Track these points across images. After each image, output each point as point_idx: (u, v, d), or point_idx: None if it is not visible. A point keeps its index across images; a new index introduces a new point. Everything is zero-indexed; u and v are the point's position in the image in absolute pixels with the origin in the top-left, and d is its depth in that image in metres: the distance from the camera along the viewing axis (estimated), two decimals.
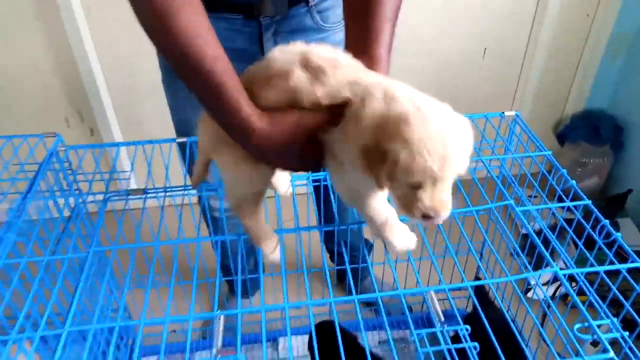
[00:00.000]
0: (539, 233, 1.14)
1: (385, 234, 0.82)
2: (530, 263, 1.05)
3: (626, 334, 0.75)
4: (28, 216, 1.02)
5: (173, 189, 1.05)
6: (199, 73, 0.71)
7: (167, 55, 0.74)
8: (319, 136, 0.74)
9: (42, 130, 1.23)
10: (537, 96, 2.20)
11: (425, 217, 0.65)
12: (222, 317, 0.76)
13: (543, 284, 1.69)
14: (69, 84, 1.89)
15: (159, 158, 1.16)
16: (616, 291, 0.91)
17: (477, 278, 1.54)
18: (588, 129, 2.15)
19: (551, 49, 2.07)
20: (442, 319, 0.76)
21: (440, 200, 0.64)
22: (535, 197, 2.05)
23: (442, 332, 0.74)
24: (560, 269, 0.87)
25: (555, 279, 1.35)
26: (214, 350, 0.72)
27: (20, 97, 1.91)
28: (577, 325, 0.74)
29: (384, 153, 0.63)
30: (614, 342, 0.75)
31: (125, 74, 1.90)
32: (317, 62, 0.71)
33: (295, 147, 0.74)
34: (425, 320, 1.62)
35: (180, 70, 0.74)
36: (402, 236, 0.83)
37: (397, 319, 1.66)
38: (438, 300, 0.86)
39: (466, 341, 0.72)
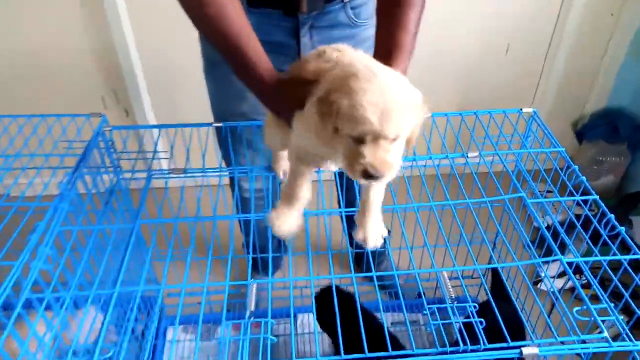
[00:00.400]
0: (552, 227, 1.20)
1: (280, 202, 0.91)
2: (542, 255, 1.11)
3: (621, 317, 0.81)
4: (76, 190, 1.12)
5: (210, 170, 1.13)
6: (228, 49, 0.92)
7: (203, 34, 0.98)
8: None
9: (79, 109, 1.32)
10: (558, 93, 2.24)
11: (366, 174, 0.68)
12: (254, 285, 0.85)
13: (552, 277, 1.76)
14: (107, 65, 1.99)
15: (188, 141, 1.24)
16: (617, 282, 0.97)
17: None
18: (607, 128, 2.18)
19: (574, 47, 2.10)
20: (453, 296, 0.84)
21: (381, 158, 0.67)
22: (550, 192, 2.10)
23: (452, 307, 0.81)
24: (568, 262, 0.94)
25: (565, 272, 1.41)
26: (248, 312, 0.81)
27: (60, 76, 2.01)
28: (577, 309, 0.81)
29: (332, 103, 0.69)
30: (618, 335, 0.82)
31: (161, 58, 1.99)
32: (326, 49, 0.86)
33: (280, 104, 0.93)
34: (437, 304, 1.69)
35: (213, 43, 0.94)
36: (284, 219, 0.90)
37: (410, 302, 1.74)
38: (452, 286, 0.94)
39: (474, 317, 0.80)
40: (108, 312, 0.83)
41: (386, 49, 0.93)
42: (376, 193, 0.90)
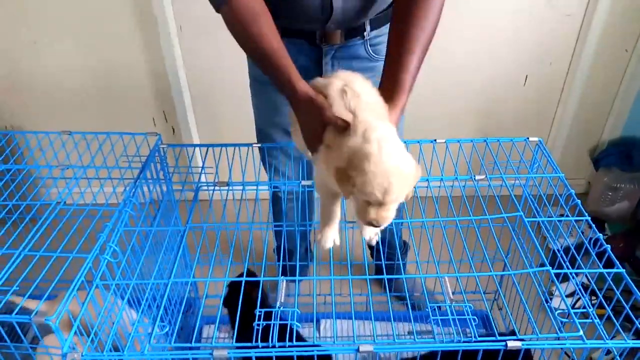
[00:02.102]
0: (567, 250, 1.31)
1: (320, 224, 1.14)
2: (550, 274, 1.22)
3: (599, 322, 0.94)
4: (137, 198, 1.31)
5: (249, 184, 1.31)
6: (265, 60, 1.10)
7: (247, 50, 1.15)
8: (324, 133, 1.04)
9: (132, 127, 1.53)
10: (575, 122, 2.35)
11: (371, 225, 0.94)
12: (284, 281, 1.01)
13: (567, 296, 1.86)
14: (159, 89, 2.23)
15: (224, 158, 1.41)
16: (601, 297, 1.10)
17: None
18: (621, 156, 2.29)
19: (589, 80, 2.22)
20: (452, 297, 0.99)
21: (382, 216, 0.93)
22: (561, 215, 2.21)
23: (450, 306, 0.96)
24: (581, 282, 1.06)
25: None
26: (278, 303, 0.97)
27: (117, 97, 2.26)
28: (558, 311, 0.94)
29: (349, 177, 0.92)
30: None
31: (206, 84, 2.22)
32: (347, 87, 1.04)
33: (308, 119, 1.08)
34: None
35: (254, 59, 1.14)
36: (326, 236, 1.14)
37: (424, 314, 1.87)
38: (456, 302, 1.07)
39: (468, 314, 0.95)
40: (164, 298, 1.01)
41: (389, 89, 1.10)
42: None
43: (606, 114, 2.36)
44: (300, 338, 1.47)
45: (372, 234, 1.17)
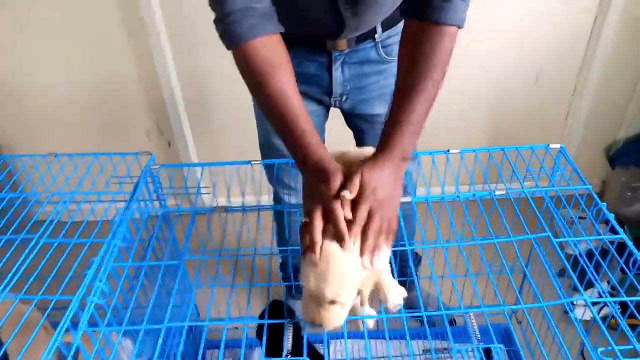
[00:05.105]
0: (588, 254, 1.21)
1: None
2: (571, 286, 1.13)
3: (632, 334, 0.84)
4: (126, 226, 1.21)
5: (249, 207, 1.21)
6: (283, 122, 0.95)
7: (261, 106, 0.99)
8: None
9: (126, 141, 1.43)
10: (589, 119, 2.26)
11: (313, 323, 0.86)
12: (291, 326, 0.92)
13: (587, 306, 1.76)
14: (152, 100, 2.13)
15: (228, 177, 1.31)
16: (633, 308, 1.00)
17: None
18: (639, 154, 2.19)
19: (605, 75, 2.12)
20: (479, 337, 0.89)
21: (321, 316, 0.85)
22: (582, 217, 2.10)
23: (478, 348, 0.86)
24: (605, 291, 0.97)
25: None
26: (285, 352, 0.87)
27: (110, 110, 2.16)
28: (601, 349, 0.84)
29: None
30: None
31: (201, 94, 2.12)
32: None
33: (309, 193, 0.95)
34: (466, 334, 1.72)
35: (267, 117, 0.99)
36: None
37: (440, 330, 1.77)
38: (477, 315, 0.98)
39: (497, 356, 0.85)
40: (162, 331, 0.92)
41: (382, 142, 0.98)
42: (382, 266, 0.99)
43: (623, 111, 2.25)
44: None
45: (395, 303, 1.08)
